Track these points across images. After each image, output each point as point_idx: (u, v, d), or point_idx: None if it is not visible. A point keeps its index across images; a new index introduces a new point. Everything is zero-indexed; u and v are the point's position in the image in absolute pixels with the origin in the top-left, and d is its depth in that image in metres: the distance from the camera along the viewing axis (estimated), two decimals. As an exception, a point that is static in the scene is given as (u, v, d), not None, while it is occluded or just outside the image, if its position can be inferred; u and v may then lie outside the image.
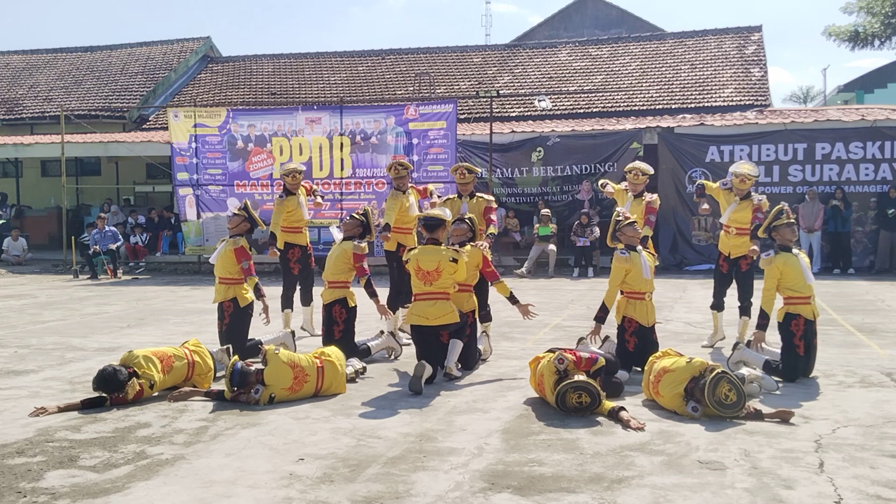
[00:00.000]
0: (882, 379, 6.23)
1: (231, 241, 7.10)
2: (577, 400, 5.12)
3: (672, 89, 20.67)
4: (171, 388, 5.82)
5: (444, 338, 6.27)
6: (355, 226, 7.21)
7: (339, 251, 7.13)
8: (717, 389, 4.95)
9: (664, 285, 13.05)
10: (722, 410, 4.96)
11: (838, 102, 33.91)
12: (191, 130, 16.10)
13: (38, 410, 5.35)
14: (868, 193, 15.36)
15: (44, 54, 28.03)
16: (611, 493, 3.85)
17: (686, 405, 5.11)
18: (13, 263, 18.39)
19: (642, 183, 7.68)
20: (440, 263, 6.24)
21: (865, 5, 30.33)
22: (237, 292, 7.01)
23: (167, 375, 5.78)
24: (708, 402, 4.95)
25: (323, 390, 5.78)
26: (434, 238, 6.43)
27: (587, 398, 5.12)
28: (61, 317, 10.16)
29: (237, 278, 7.01)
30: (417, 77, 22.60)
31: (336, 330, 6.94)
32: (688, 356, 5.51)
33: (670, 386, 5.24)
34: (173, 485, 4.02)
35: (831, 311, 10.04)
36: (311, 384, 5.72)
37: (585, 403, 5.12)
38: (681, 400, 5.15)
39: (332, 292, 7.01)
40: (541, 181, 16.84)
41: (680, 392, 5.17)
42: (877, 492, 3.85)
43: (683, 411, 5.11)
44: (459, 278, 6.39)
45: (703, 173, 16.02)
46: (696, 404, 5.07)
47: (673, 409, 5.21)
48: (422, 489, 3.93)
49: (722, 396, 4.96)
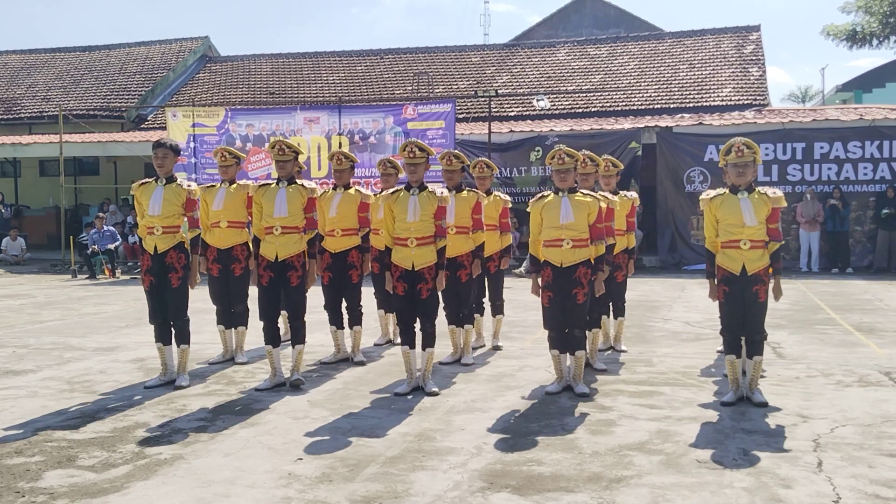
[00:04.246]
0: (880, 378, 6.23)
1: (242, 186, 6.93)
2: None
3: (670, 89, 20.69)
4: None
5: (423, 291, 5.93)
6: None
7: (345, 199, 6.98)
8: None
9: (663, 285, 13.06)
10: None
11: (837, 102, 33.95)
12: (189, 130, 16.10)
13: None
14: (867, 193, 15.38)
15: (42, 54, 28.02)
16: (609, 493, 3.85)
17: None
18: (12, 263, 18.37)
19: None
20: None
21: (864, 5, 30.34)
22: (247, 237, 6.93)
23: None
24: None
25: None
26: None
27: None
28: (60, 316, 10.15)
29: (245, 222, 6.91)
30: (416, 77, 22.59)
31: (354, 274, 6.94)
32: None
33: None
34: (172, 485, 4.01)
35: (830, 310, 10.04)
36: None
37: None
38: None
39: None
40: (539, 180, 16.84)
41: None
42: (875, 491, 3.85)
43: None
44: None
45: (702, 173, 16.05)
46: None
47: None
48: (420, 489, 3.93)
49: None
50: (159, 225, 6.03)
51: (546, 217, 5.72)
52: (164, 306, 6.14)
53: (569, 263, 5.64)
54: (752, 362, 5.49)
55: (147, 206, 6.07)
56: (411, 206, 5.80)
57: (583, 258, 5.65)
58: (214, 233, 6.91)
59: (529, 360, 7.08)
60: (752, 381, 5.52)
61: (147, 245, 6.08)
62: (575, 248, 5.63)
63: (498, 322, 7.72)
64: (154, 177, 6.20)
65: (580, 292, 5.65)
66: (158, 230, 6.03)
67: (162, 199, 6.04)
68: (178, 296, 6.13)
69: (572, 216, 5.62)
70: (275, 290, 6.04)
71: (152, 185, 6.14)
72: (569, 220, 5.62)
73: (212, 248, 6.95)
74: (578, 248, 5.64)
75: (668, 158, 16.27)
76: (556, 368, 5.92)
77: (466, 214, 6.75)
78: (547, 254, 5.73)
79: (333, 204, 6.93)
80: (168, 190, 6.08)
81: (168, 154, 6.12)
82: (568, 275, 5.65)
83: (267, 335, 6.06)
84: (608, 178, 6.91)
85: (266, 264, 6.00)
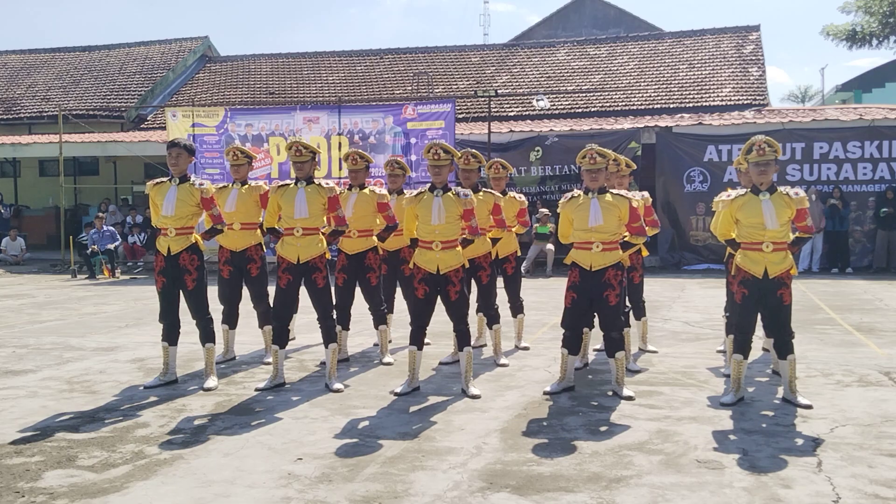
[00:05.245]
0: (880, 378, 6.23)
1: (254, 187, 6.92)
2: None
3: (670, 89, 20.69)
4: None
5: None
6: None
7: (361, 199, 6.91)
8: None
9: (663, 285, 13.06)
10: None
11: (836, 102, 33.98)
12: (189, 130, 16.09)
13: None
14: (866, 193, 15.38)
15: (42, 54, 28.02)
16: (609, 493, 3.85)
17: None
18: (11, 263, 18.37)
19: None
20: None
21: (863, 5, 30.38)
22: (260, 238, 6.93)
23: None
24: None
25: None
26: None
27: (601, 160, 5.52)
28: (59, 316, 10.15)
29: (258, 223, 6.89)
30: (415, 77, 22.59)
31: (373, 276, 6.90)
32: None
33: None
34: (171, 484, 4.01)
35: (829, 310, 10.05)
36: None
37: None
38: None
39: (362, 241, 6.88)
40: (539, 180, 16.85)
41: None
42: (875, 491, 3.85)
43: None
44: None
45: (702, 173, 16.05)
46: None
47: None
48: (420, 489, 3.93)
49: None
50: (172, 227, 6.01)
51: (576, 218, 5.64)
52: (176, 307, 6.12)
53: (598, 267, 5.57)
54: (786, 363, 5.44)
55: (161, 205, 6.07)
56: (435, 208, 5.73)
57: (613, 261, 5.58)
58: (228, 235, 6.85)
59: (529, 359, 7.08)
60: (790, 383, 5.45)
61: (160, 246, 6.07)
62: (605, 252, 5.57)
63: (519, 322, 7.63)
64: (168, 176, 6.19)
65: (611, 294, 5.57)
66: (172, 232, 6.02)
67: (175, 200, 6.02)
68: (196, 297, 6.12)
69: (601, 218, 5.53)
70: (293, 292, 6.04)
71: (167, 184, 6.12)
72: (598, 223, 5.54)
73: (224, 249, 6.94)
74: (608, 252, 5.58)
75: (667, 158, 16.27)
76: (561, 367, 5.90)
77: (485, 215, 6.72)
78: (576, 256, 5.67)
79: (349, 204, 6.82)
80: (182, 190, 6.06)
81: (182, 153, 6.11)
82: (597, 278, 5.58)
83: (276, 335, 6.06)
84: (622, 178, 6.91)
85: (286, 266, 5.99)
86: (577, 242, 5.66)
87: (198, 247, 6.12)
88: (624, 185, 6.93)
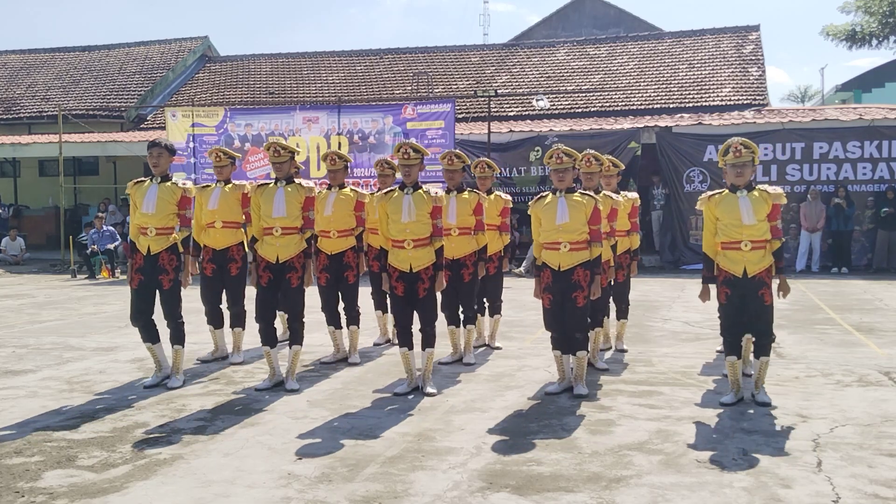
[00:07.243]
0: (880, 378, 6.24)
1: (237, 186, 6.97)
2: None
3: (670, 89, 20.69)
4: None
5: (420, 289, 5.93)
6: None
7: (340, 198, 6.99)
8: None
9: (663, 285, 13.06)
10: None
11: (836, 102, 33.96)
12: (188, 130, 16.10)
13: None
14: (866, 193, 15.39)
15: (41, 54, 28.01)
16: (609, 493, 3.85)
17: None
18: (11, 263, 18.37)
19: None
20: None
21: (863, 5, 30.39)
22: (243, 237, 6.94)
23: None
24: None
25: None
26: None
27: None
28: (59, 316, 10.15)
29: (240, 223, 6.94)
30: (415, 77, 22.59)
31: (351, 275, 6.97)
32: None
33: None
34: (171, 484, 4.01)
35: (829, 310, 10.05)
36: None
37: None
38: None
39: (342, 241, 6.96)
40: (539, 180, 16.85)
41: None
42: (875, 491, 3.85)
43: None
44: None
45: (701, 173, 16.05)
46: None
47: None
48: (420, 489, 3.93)
49: None
50: (153, 226, 6.02)
51: (544, 218, 5.71)
52: (150, 307, 6.12)
53: (567, 266, 5.63)
54: (758, 362, 5.49)
55: (141, 203, 6.07)
56: (405, 206, 5.76)
57: (580, 260, 5.63)
58: (210, 233, 6.90)
59: (529, 359, 7.08)
60: (757, 381, 5.52)
61: (140, 245, 6.07)
62: (572, 251, 5.61)
63: (495, 323, 7.69)
64: (150, 176, 6.20)
65: (579, 295, 5.64)
66: (152, 231, 6.02)
67: (156, 198, 6.04)
68: (170, 298, 6.13)
69: (567, 216, 5.60)
70: (273, 291, 6.03)
71: (147, 183, 6.16)
72: (564, 221, 5.60)
73: (207, 248, 6.95)
74: (576, 251, 5.62)
75: (667, 158, 16.27)
76: (558, 369, 5.92)
77: (468, 215, 6.75)
78: (546, 256, 5.72)
79: (328, 204, 6.92)
80: (162, 188, 6.09)
81: (163, 153, 6.14)
82: (566, 278, 5.63)
83: (264, 336, 6.04)
84: (609, 177, 6.88)
85: (265, 265, 6.00)
86: (546, 243, 5.71)
87: (177, 248, 6.15)
88: (612, 184, 6.93)
